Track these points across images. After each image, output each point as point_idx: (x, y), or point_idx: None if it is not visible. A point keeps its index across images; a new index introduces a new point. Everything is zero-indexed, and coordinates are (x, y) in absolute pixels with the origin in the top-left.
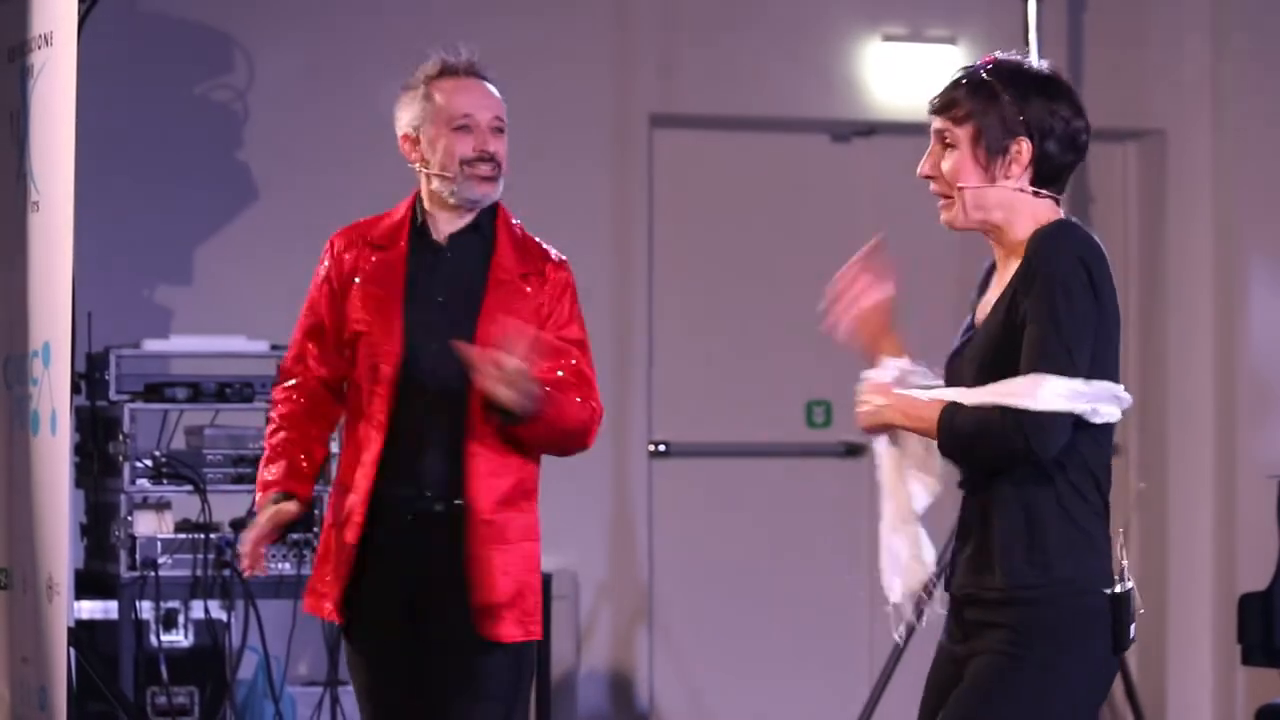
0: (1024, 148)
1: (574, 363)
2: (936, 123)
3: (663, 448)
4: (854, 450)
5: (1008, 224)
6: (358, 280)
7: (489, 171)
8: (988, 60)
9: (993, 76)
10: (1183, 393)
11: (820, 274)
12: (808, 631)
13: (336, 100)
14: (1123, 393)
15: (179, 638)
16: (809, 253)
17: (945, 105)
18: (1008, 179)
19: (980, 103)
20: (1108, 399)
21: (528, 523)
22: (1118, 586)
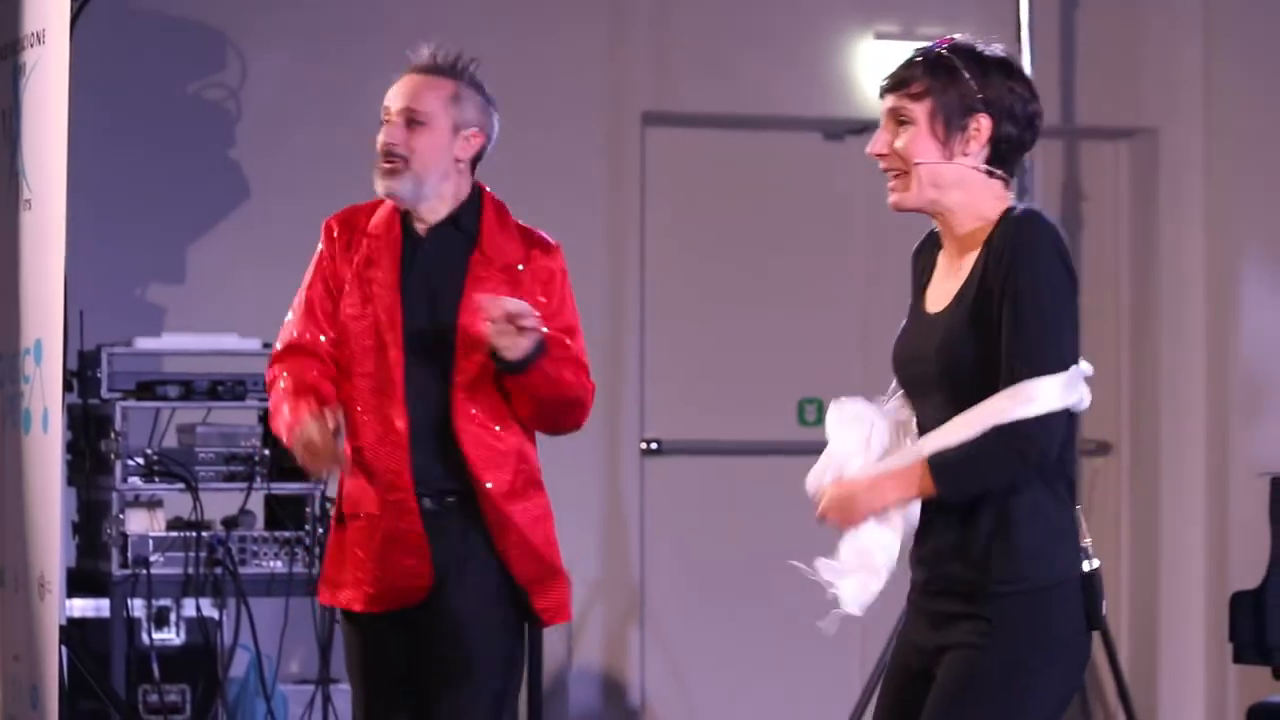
0: (983, 125)
1: (568, 343)
2: (890, 101)
3: (654, 446)
4: None
5: (960, 205)
6: (358, 267)
7: (386, 165)
8: (944, 40)
9: (952, 54)
10: (1175, 391)
11: (813, 272)
12: (799, 630)
13: (329, 98)
14: (1088, 369)
15: (171, 636)
16: (801, 251)
17: (900, 83)
18: (965, 156)
19: (939, 80)
20: (1082, 383)
21: (539, 506)
22: (1085, 566)
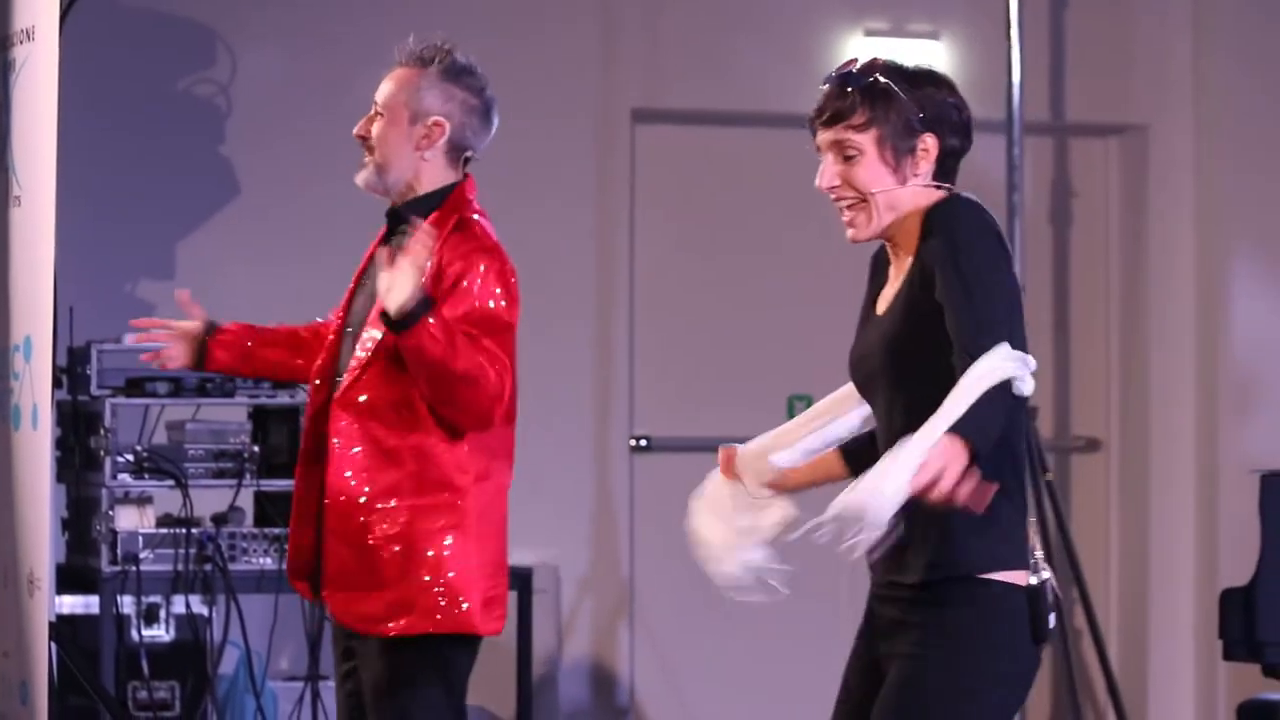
0: (930, 143)
1: (473, 331)
2: (831, 135)
3: (644, 442)
4: None
5: (913, 220)
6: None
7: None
8: (870, 64)
9: (886, 77)
10: (1164, 387)
11: (802, 268)
12: (789, 626)
13: (319, 95)
14: (1033, 362)
15: (160, 632)
16: (791, 247)
17: (839, 115)
18: (916, 176)
19: (879, 107)
20: (1029, 367)
21: (413, 515)
22: (1033, 577)
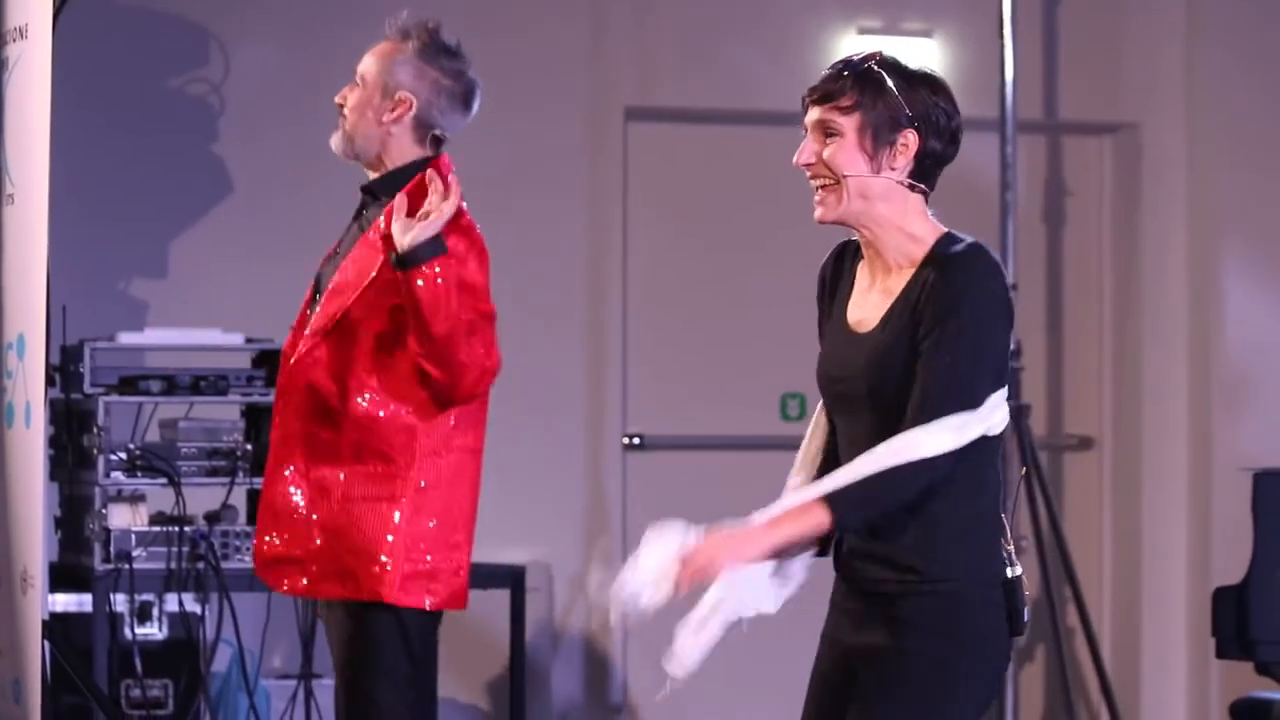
0: (910, 140)
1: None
2: (818, 113)
3: (637, 441)
4: None
5: (885, 217)
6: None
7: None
8: (871, 54)
9: (880, 68)
10: (1157, 386)
11: (795, 266)
12: (781, 624)
13: (312, 93)
14: (1005, 391)
15: (153, 630)
16: (783, 246)
17: (829, 95)
18: (892, 170)
19: (868, 94)
20: (998, 407)
21: (349, 482)
22: (1008, 572)
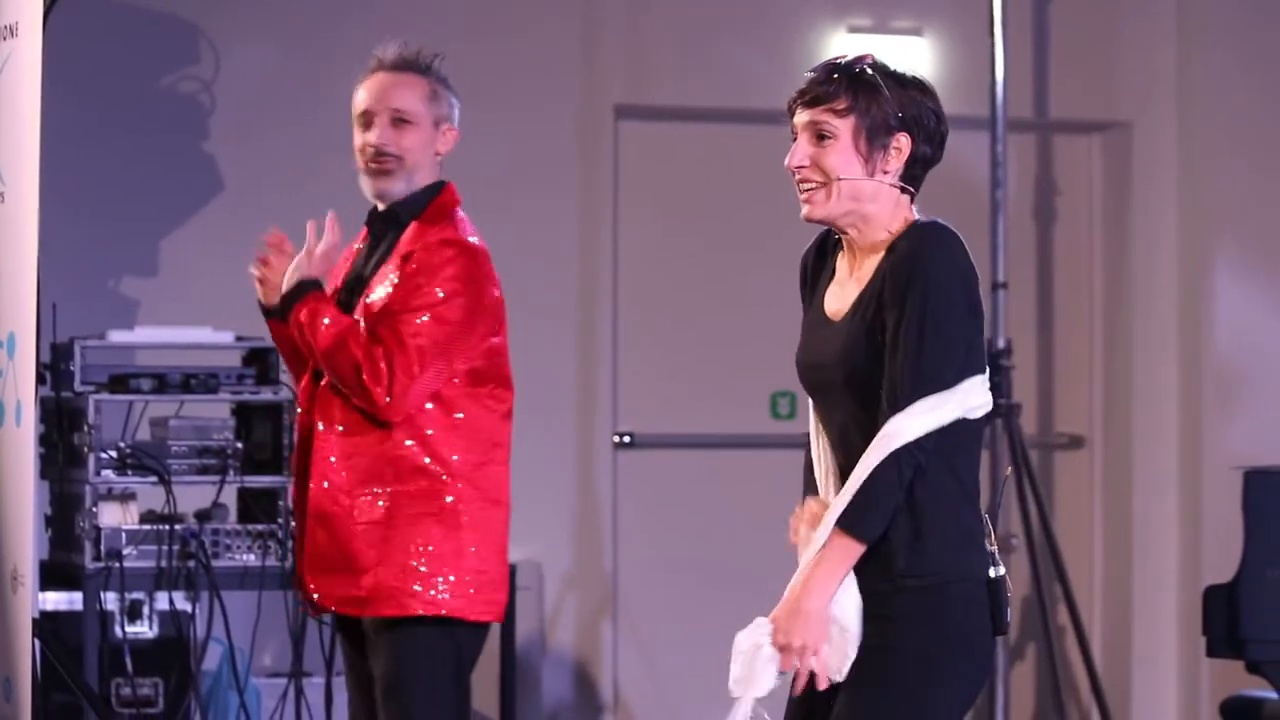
0: (903, 143)
1: (359, 324)
2: (810, 115)
3: (627, 439)
4: None
5: (874, 218)
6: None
7: (377, 165)
8: (860, 56)
9: (874, 72)
10: (1148, 385)
11: (785, 265)
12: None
13: (302, 91)
14: (987, 378)
15: (144, 629)
16: (774, 244)
17: (820, 98)
18: (885, 173)
19: (863, 96)
20: (979, 391)
21: (395, 500)
22: (992, 571)
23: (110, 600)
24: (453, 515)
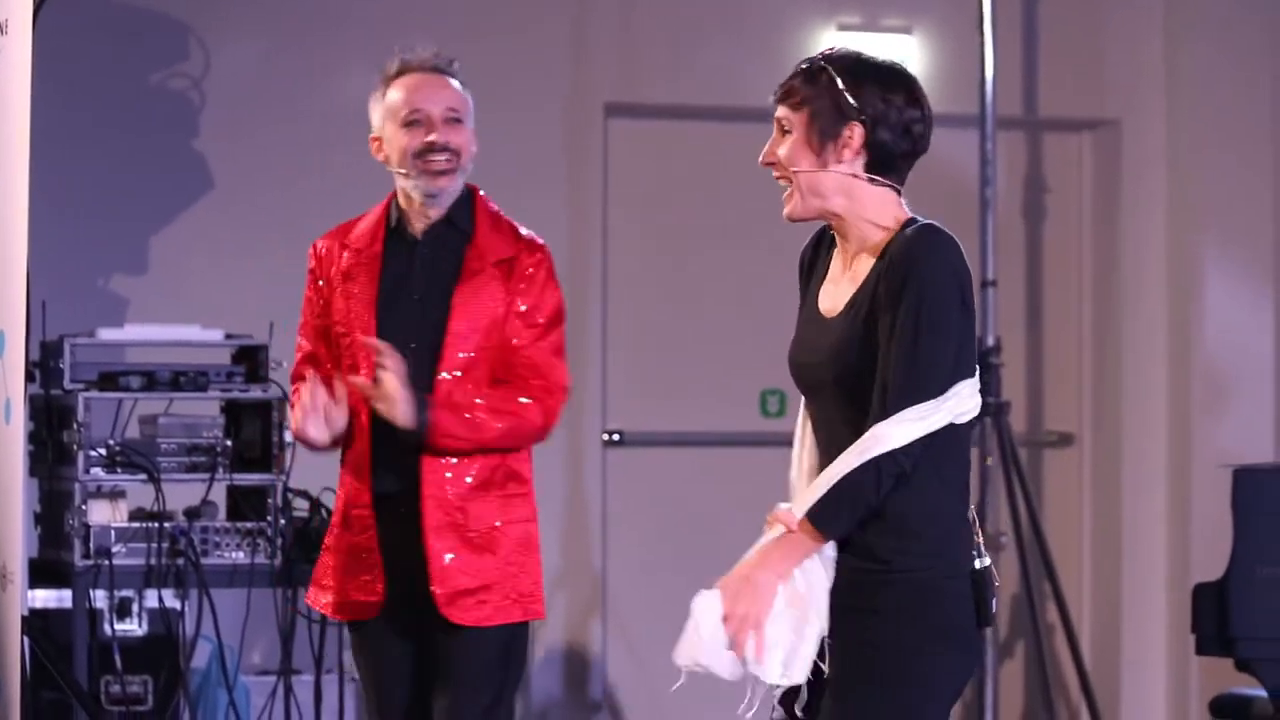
0: (855, 133)
1: (478, 401)
2: (778, 111)
3: (616, 437)
4: None
5: (849, 211)
6: (338, 282)
7: (443, 163)
8: (828, 51)
9: (828, 64)
10: (1137, 383)
11: (775, 263)
12: None
13: (292, 89)
14: (977, 381)
15: (133, 626)
16: (763, 242)
17: (785, 94)
18: (839, 164)
19: (814, 89)
20: (967, 396)
21: (505, 507)
22: (977, 563)
23: (100, 598)
24: (535, 520)
